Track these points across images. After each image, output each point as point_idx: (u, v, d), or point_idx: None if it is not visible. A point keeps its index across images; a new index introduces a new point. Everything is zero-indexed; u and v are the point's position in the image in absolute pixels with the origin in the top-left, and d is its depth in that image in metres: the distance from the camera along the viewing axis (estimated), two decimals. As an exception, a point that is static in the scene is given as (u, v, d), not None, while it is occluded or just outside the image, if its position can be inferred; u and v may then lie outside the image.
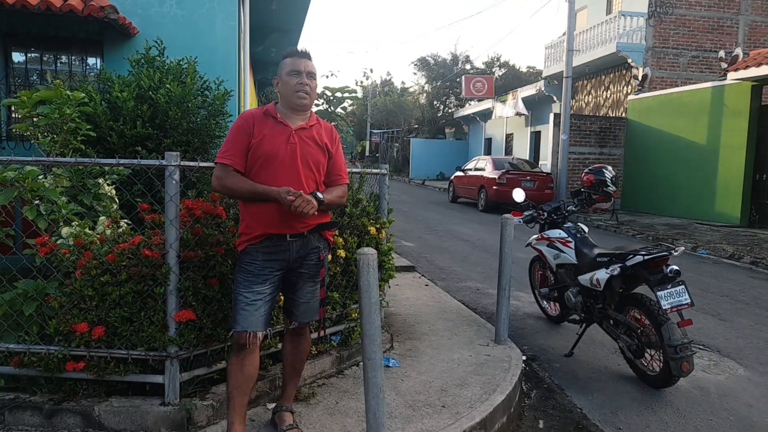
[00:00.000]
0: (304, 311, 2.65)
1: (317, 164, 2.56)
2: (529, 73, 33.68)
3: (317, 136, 2.58)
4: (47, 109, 3.52)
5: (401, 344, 4.13)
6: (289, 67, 2.52)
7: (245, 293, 2.47)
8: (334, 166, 2.66)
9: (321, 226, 2.59)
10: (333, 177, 2.66)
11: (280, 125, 2.52)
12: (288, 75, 2.52)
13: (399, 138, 34.35)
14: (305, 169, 2.51)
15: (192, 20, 6.36)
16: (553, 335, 5.00)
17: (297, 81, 2.50)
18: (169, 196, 2.69)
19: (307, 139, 2.54)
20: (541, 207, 5.00)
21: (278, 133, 2.50)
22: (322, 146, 2.58)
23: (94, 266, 2.71)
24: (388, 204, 4.11)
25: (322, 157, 2.58)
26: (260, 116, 2.55)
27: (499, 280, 4.17)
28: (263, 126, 2.51)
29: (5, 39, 6.02)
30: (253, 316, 2.45)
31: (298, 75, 2.51)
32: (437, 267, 7.85)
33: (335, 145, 2.67)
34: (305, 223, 2.52)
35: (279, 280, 2.57)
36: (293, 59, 2.53)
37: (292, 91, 2.51)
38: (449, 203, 17.43)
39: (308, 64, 2.53)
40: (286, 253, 2.53)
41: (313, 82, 2.55)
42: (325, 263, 2.66)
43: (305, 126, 2.57)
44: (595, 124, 15.92)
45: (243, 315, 2.44)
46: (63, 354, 2.72)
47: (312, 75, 2.54)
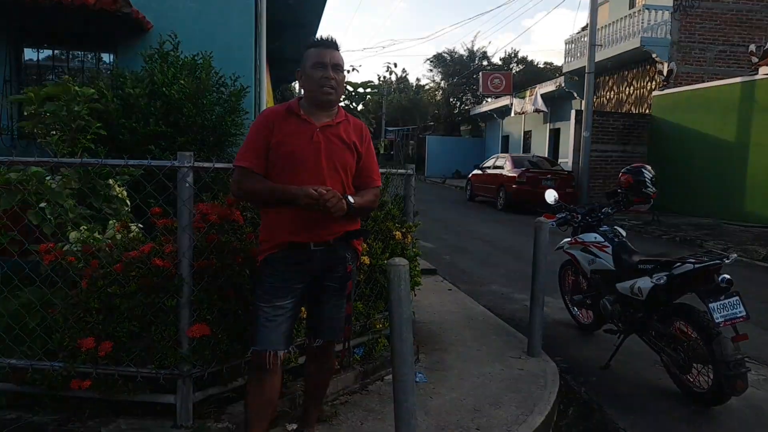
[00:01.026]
0: (329, 328, 2.41)
1: (344, 165, 2.32)
2: (547, 69, 33.17)
3: (344, 134, 2.33)
4: (54, 107, 3.32)
5: (428, 356, 3.88)
6: (313, 59, 2.27)
7: (265, 308, 2.23)
8: (364, 166, 2.41)
9: (349, 234, 2.35)
10: (363, 179, 2.41)
11: (303, 123, 2.28)
12: (312, 68, 2.27)
13: (414, 136, 34.02)
14: (330, 170, 2.27)
15: (207, 14, 6.15)
16: (587, 345, 4.71)
17: (321, 74, 2.25)
18: (182, 200, 2.46)
19: (332, 137, 2.30)
20: (574, 209, 4.71)
21: (301, 132, 2.27)
22: (349, 145, 2.33)
23: (100, 276, 2.50)
24: (414, 206, 3.86)
25: (349, 157, 2.34)
26: (281, 113, 2.31)
27: (532, 288, 3.90)
28: (285, 124, 2.28)
29: (18, 35, 5.86)
30: (274, 334, 2.21)
31: (323, 68, 2.25)
32: (459, 269, 7.58)
33: (365, 143, 2.41)
34: (331, 230, 2.28)
35: (302, 293, 2.34)
36: (318, 50, 2.28)
37: (317, 85, 2.26)
38: (467, 202, 17.12)
39: (334, 55, 2.28)
40: (310, 263, 2.29)
41: (339, 75, 2.30)
42: (353, 276, 2.42)
43: (331, 123, 2.32)
44: (618, 121, 15.50)
45: (263, 332, 2.21)
46: (68, 371, 2.51)
47: (338, 67, 2.29)
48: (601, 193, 15.41)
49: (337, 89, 2.31)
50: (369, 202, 2.39)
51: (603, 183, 15.43)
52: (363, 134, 2.43)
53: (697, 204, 13.46)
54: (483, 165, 16.68)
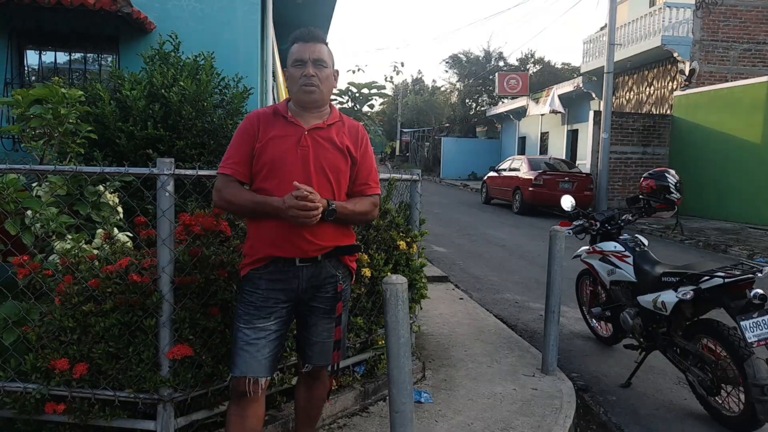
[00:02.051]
0: (319, 352, 2.19)
1: (336, 171, 2.09)
2: (564, 69, 32.70)
3: (336, 137, 2.12)
4: (41, 109, 3.15)
5: (434, 373, 3.65)
6: (294, 56, 2.08)
7: (245, 330, 2.03)
8: (360, 172, 2.18)
9: (339, 249, 2.13)
10: (359, 186, 2.18)
11: (290, 125, 2.08)
12: (293, 66, 2.08)
13: (430, 137, 33.73)
14: (320, 176, 2.05)
15: (211, 14, 5.99)
16: (606, 360, 4.44)
17: (302, 73, 2.05)
18: (161, 210, 2.27)
19: (323, 141, 2.08)
20: (592, 216, 4.44)
21: (288, 135, 2.06)
22: (342, 149, 2.11)
23: (75, 292, 2.31)
24: (420, 214, 3.62)
25: (342, 163, 2.11)
26: (268, 116, 2.11)
27: (546, 301, 3.65)
28: (270, 127, 2.07)
29: (19, 37, 5.75)
30: (255, 359, 2.00)
31: (303, 65, 2.05)
32: (472, 276, 7.33)
33: (361, 147, 2.19)
34: (319, 245, 2.06)
35: (288, 313, 2.13)
36: (298, 45, 2.08)
37: (298, 85, 2.06)
38: (482, 205, 16.81)
39: (315, 50, 2.06)
40: (295, 281, 2.08)
41: (323, 72, 2.08)
42: (345, 296, 2.19)
43: (321, 125, 2.11)
44: (637, 122, 15.07)
45: (242, 357, 2.01)
46: (41, 394, 2.33)
47: (320, 62, 2.07)
48: (620, 195, 15.02)
49: (322, 86, 2.08)
50: (361, 212, 2.15)
51: (622, 185, 15.04)
52: (359, 137, 2.20)
53: (721, 207, 13.02)
54: (499, 167, 16.36)
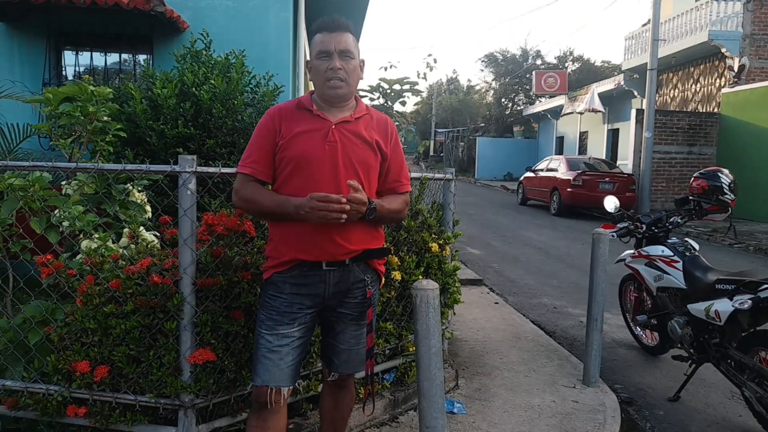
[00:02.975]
0: (346, 360, 2.07)
1: (366, 167, 1.96)
2: (604, 67, 31.84)
3: (365, 131, 1.98)
4: (69, 107, 3.13)
5: (468, 381, 3.49)
6: (318, 47, 1.92)
7: (268, 336, 1.91)
8: (391, 169, 2.05)
9: (368, 253, 1.99)
10: (390, 184, 2.05)
11: (316, 119, 1.94)
12: (317, 58, 1.93)
13: (464, 137, 33.36)
14: (349, 173, 1.92)
15: (244, 12, 5.96)
16: (652, 371, 4.18)
17: (327, 66, 1.90)
18: (182, 209, 2.18)
19: (351, 136, 1.95)
20: (638, 218, 4.19)
21: (314, 130, 1.93)
22: (371, 143, 1.98)
23: (96, 293, 2.25)
24: (454, 214, 3.47)
25: (371, 158, 1.98)
26: (291, 110, 1.98)
27: (589, 308, 3.44)
28: (294, 122, 1.94)
29: (57, 38, 5.84)
30: (277, 367, 1.89)
31: (328, 57, 1.90)
32: (507, 279, 7.10)
33: (391, 142, 2.05)
34: (347, 248, 1.93)
35: (312, 320, 2.01)
36: (322, 35, 1.92)
37: (323, 79, 1.92)
38: (518, 206, 16.45)
39: (341, 40, 1.90)
40: (321, 286, 1.95)
41: (350, 63, 1.92)
42: (374, 301, 2.06)
43: (349, 118, 1.97)
44: (683, 121, 14.48)
45: (264, 365, 1.89)
46: (63, 396, 2.28)
47: (347, 54, 1.92)
48: (663, 197, 14.48)
49: (349, 80, 1.93)
50: (395, 211, 2.02)
51: (666, 186, 14.50)
52: (389, 131, 2.06)
53: (773, 210, 12.38)
54: (536, 167, 15.98)
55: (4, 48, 5.72)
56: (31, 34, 5.73)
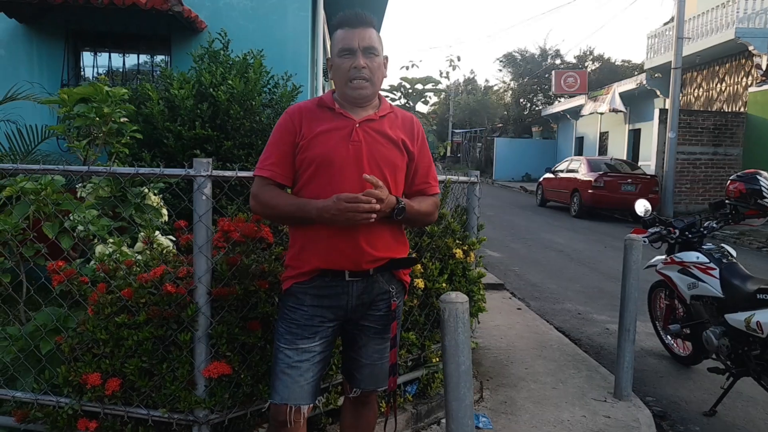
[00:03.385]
0: (368, 375, 1.94)
1: (392, 167, 1.84)
2: (624, 66, 31.32)
3: (390, 130, 1.87)
4: (84, 108, 3.06)
5: (493, 393, 3.34)
6: (339, 44, 1.80)
7: (287, 350, 1.80)
8: (419, 169, 1.93)
9: (394, 262, 1.87)
10: (419, 185, 1.94)
11: (339, 118, 1.83)
12: (339, 56, 1.81)
13: (482, 138, 33.07)
14: (374, 173, 1.79)
15: (262, 12, 5.88)
16: (685, 382, 3.99)
17: (350, 64, 1.78)
18: (197, 215, 2.08)
19: (376, 135, 1.84)
20: (670, 222, 4.01)
21: (337, 129, 1.81)
22: (396, 142, 1.86)
23: (108, 302, 2.15)
24: (478, 218, 3.33)
25: (398, 157, 1.86)
26: (311, 109, 1.87)
27: (620, 318, 3.27)
28: (316, 121, 1.83)
29: (75, 39, 5.82)
30: (297, 384, 1.78)
31: (351, 55, 1.78)
32: (529, 283, 6.93)
33: (418, 141, 1.93)
34: (373, 255, 1.81)
35: (334, 333, 1.89)
36: (343, 31, 1.80)
37: (346, 79, 1.80)
38: (537, 207, 16.20)
39: (364, 36, 1.78)
40: (343, 298, 1.83)
41: (374, 61, 1.80)
42: (398, 314, 1.94)
43: (373, 117, 1.85)
44: (708, 121, 14.13)
45: (283, 381, 1.78)
46: (74, 409, 2.19)
47: (371, 50, 1.79)
48: (687, 198, 14.15)
49: (373, 79, 1.81)
50: (426, 213, 1.91)
51: (690, 188, 14.16)
52: (415, 130, 1.94)
53: (803, 212, 11.98)
54: (555, 168, 15.72)
55: (23, 49, 5.70)
56: (49, 36, 5.71)
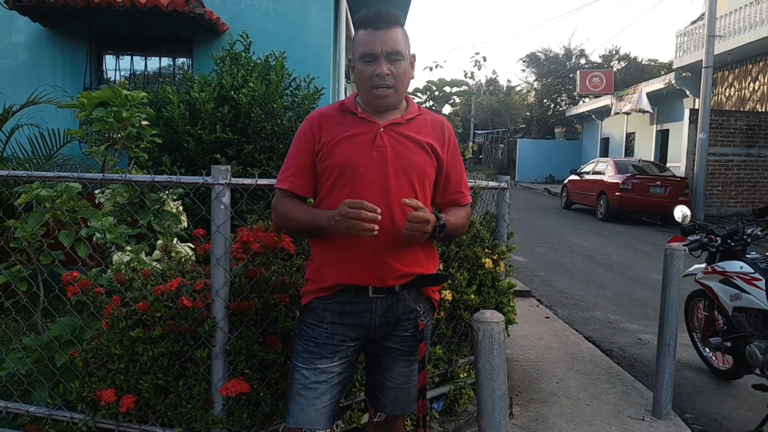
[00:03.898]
0: (394, 399, 1.80)
1: (420, 174, 1.70)
2: (651, 66, 30.69)
3: (418, 134, 1.72)
4: (103, 112, 2.99)
5: (523, 410, 3.18)
6: (361, 48, 1.65)
7: (304, 370, 1.68)
8: (451, 178, 1.79)
9: (422, 279, 1.73)
10: (451, 195, 1.80)
11: (362, 122, 1.70)
12: (361, 60, 1.66)
13: (504, 139, 32.71)
14: (401, 181, 1.67)
15: (284, 13, 5.80)
16: (725, 398, 3.78)
17: (373, 71, 1.63)
18: (215, 225, 1.98)
19: (402, 139, 1.70)
20: (711, 230, 3.80)
21: (360, 134, 1.69)
22: (425, 147, 1.72)
23: (123, 315, 2.06)
24: (508, 226, 3.18)
25: (427, 164, 1.72)
26: (332, 114, 1.75)
27: (660, 332, 3.09)
28: (337, 127, 1.71)
29: (98, 42, 5.81)
30: (314, 406, 1.65)
31: (374, 61, 1.63)
32: (556, 290, 6.72)
33: (449, 146, 1.78)
34: (399, 271, 1.67)
35: (356, 353, 1.76)
36: (366, 32, 1.64)
37: (368, 87, 1.66)
38: (562, 210, 15.90)
39: (388, 38, 1.62)
40: (366, 316, 1.70)
41: (399, 67, 1.65)
42: (426, 334, 1.79)
43: (400, 120, 1.72)
44: (740, 121, 13.69)
45: (298, 403, 1.66)
46: (88, 426, 2.11)
47: (396, 55, 1.64)
48: (719, 201, 13.73)
49: (397, 86, 1.67)
50: (461, 226, 1.77)
51: (722, 190, 13.75)
52: (446, 134, 1.79)
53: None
54: (581, 170, 15.40)
55: (47, 53, 5.72)
56: (72, 39, 5.71)
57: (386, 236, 1.61)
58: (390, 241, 1.63)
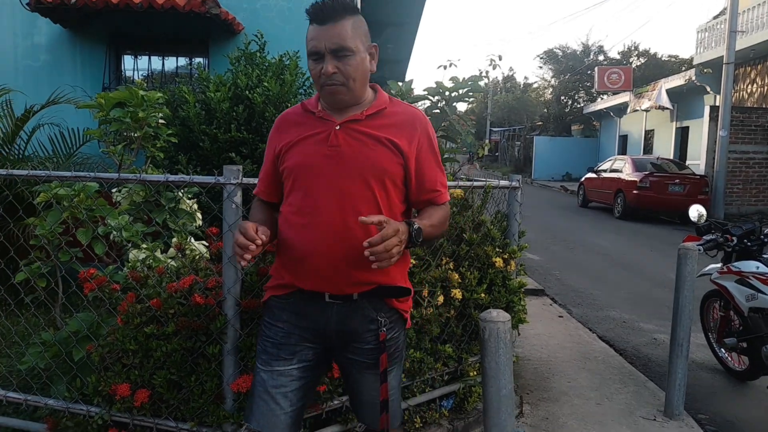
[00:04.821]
0: (370, 413, 1.68)
1: (379, 173, 1.58)
2: (671, 62, 30.25)
3: (377, 130, 1.60)
4: (120, 113, 3.05)
5: (533, 409, 3.19)
6: (308, 46, 1.56)
7: (263, 373, 1.60)
8: (425, 174, 1.65)
9: (383, 289, 1.61)
10: (427, 193, 1.67)
11: (319, 122, 1.62)
12: (309, 59, 1.58)
13: (521, 136, 32.50)
14: (356, 184, 1.56)
15: (299, 12, 5.78)
16: (740, 399, 3.74)
17: (319, 70, 1.54)
18: (227, 224, 2.02)
19: (360, 136, 1.59)
20: (727, 229, 3.76)
21: (315, 134, 1.61)
22: (384, 143, 1.59)
23: (138, 312, 2.12)
24: (519, 225, 3.18)
25: (388, 161, 1.59)
26: (295, 114, 1.69)
27: (673, 332, 3.07)
28: (296, 127, 1.64)
29: (117, 43, 5.91)
30: (272, 413, 1.56)
31: (320, 59, 1.54)
32: (570, 288, 6.69)
33: (420, 141, 1.64)
34: (356, 277, 1.56)
35: (317, 357, 1.66)
36: (312, 28, 1.54)
37: (319, 85, 1.58)
38: (578, 208, 15.77)
39: (332, 35, 1.51)
40: (322, 320, 1.60)
41: (348, 63, 1.53)
42: (397, 347, 1.69)
43: (358, 116, 1.60)
44: (762, 118, 13.45)
45: (258, 407, 1.58)
46: (104, 419, 2.17)
47: (342, 51, 1.52)
48: (739, 200, 13.52)
49: (349, 83, 1.56)
50: (439, 226, 1.65)
51: (742, 188, 13.53)
52: (417, 128, 1.64)
53: None
54: (598, 168, 15.26)
55: (67, 53, 5.83)
56: (92, 40, 5.82)
57: (341, 242, 1.53)
58: (345, 247, 1.53)
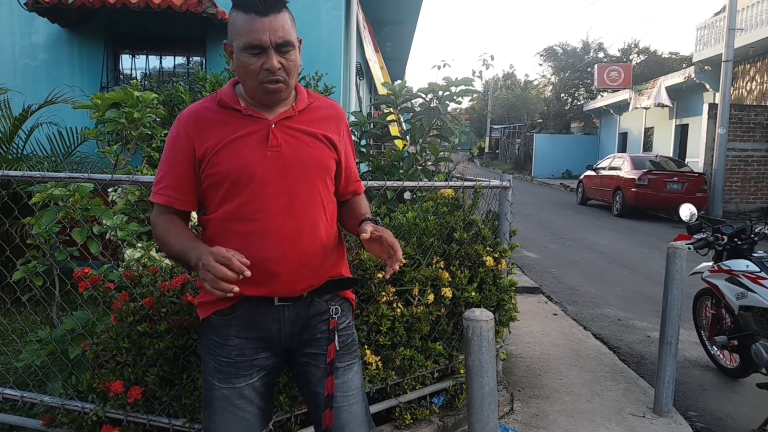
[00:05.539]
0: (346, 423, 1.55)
1: (322, 170, 1.54)
2: (672, 59, 30.22)
3: (312, 126, 1.53)
4: (115, 113, 3.09)
5: (524, 405, 3.23)
6: (245, 37, 1.39)
7: (224, 389, 1.51)
8: (350, 166, 1.65)
9: (333, 284, 1.59)
10: (353, 185, 1.68)
11: (249, 120, 1.49)
12: (244, 52, 1.41)
13: (521, 134, 32.51)
14: (303, 184, 1.49)
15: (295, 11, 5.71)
16: (730, 396, 3.78)
17: (261, 65, 1.41)
18: (217, 224, 2.04)
19: (297, 133, 1.51)
20: (718, 228, 3.79)
21: (249, 134, 1.47)
22: (321, 139, 1.54)
23: (131, 311, 2.15)
24: (510, 224, 3.21)
25: (327, 157, 1.55)
26: (207, 111, 1.51)
27: (662, 329, 3.11)
28: (218, 126, 1.48)
29: (114, 42, 5.94)
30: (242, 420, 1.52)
31: (261, 53, 1.40)
32: (566, 286, 6.72)
33: (343, 133, 1.62)
34: (308, 279, 1.52)
35: (277, 361, 1.59)
36: (248, 18, 1.38)
37: (257, 82, 1.43)
38: (577, 205, 15.80)
39: (276, 27, 1.38)
40: (275, 326, 1.52)
41: (289, 58, 1.43)
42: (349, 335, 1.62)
43: (291, 112, 1.51)
44: (761, 116, 13.47)
45: (224, 417, 1.50)
46: (98, 415, 2.21)
47: (286, 45, 1.41)
48: (738, 198, 13.55)
49: (289, 80, 1.46)
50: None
51: (741, 186, 13.55)
52: (341, 121, 1.63)
53: None
54: (597, 165, 15.29)
55: (65, 53, 5.86)
56: (89, 39, 5.85)
57: (293, 246, 1.47)
58: (297, 251, 1.48)
